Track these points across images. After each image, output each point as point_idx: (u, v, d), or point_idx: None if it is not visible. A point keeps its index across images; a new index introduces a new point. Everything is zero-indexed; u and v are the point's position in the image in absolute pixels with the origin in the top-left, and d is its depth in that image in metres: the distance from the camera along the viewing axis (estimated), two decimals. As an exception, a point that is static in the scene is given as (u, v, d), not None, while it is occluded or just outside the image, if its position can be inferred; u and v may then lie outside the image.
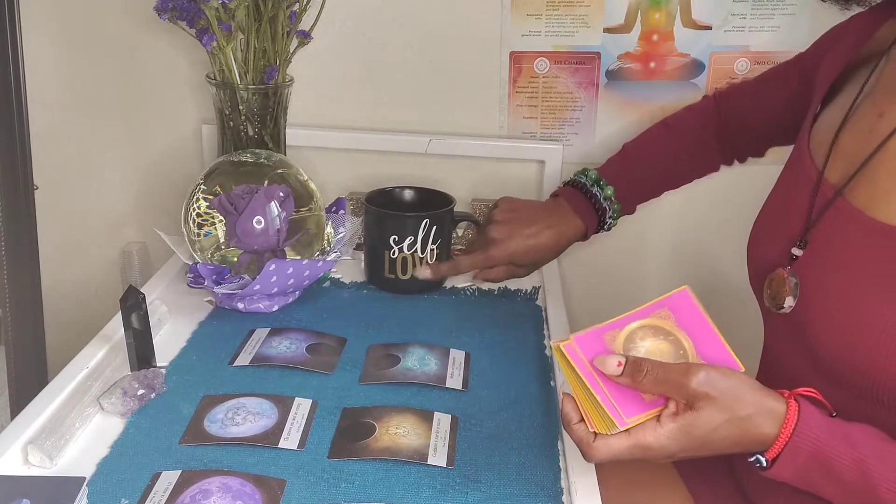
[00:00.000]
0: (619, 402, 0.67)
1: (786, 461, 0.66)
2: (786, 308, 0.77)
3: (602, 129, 1.35)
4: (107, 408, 0.84)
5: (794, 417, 0.65)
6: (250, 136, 1.21)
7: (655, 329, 0.70)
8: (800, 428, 0.65)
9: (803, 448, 0.65)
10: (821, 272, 0.75)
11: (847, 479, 0.65)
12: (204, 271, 1.04)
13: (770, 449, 0.66)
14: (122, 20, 1.31)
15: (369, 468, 0.77)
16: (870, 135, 0.75)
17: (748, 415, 0.65)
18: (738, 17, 1.28)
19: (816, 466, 0.65)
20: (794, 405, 0.66)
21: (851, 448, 0.65)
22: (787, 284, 0.76)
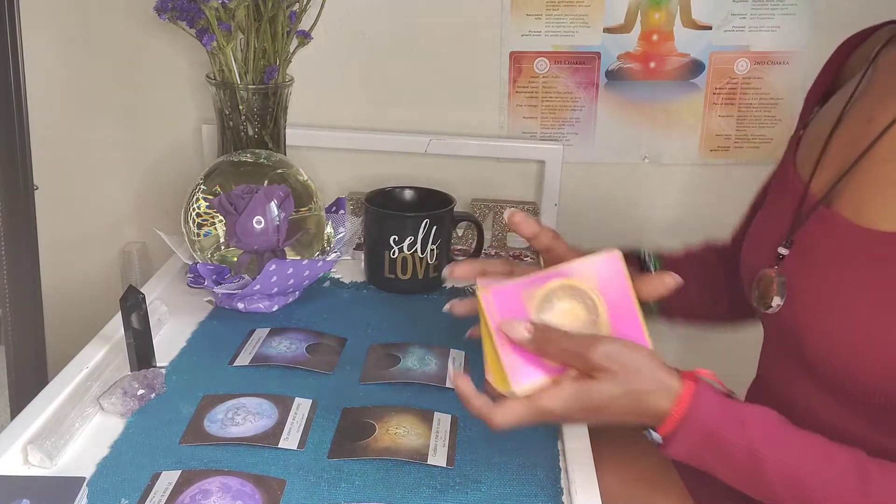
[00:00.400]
0: (519, 365, 0.67)
1: (679, 440, 0.67)
2: (773, 307, 0.78)
3: (602, 129, 1.35)
4: (107, 408, 0.84)
5: (688, 396, 0.67)
6: (250, 136, 1.21)
7: (574, 291, 0.70)
8: (694, 407, 0.67)
9: (696, 427, 0.67)
10: (806, 273, 0.76)
11: (737, 458, 0.67)
12: (204, 271, 1.04)
13: (664, 425, 0.68)
14: (122, 20, 1.31)
15: (369, 468, 0.77)
16: (859, 141, 0.76)
17: (645, 389, 0.67)
18: (738, 17, 1.28)
19: (709, 446, 0.67)
20: (690, 385, 0.67)
21: (743, 429, 0.66)
22: (774, 284, 0.77)
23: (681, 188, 1.38)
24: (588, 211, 1.39)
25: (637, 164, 1.36)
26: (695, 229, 1.39)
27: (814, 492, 0.66)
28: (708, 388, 0.68)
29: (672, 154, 1.36)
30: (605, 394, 0.67)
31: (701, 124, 1.33)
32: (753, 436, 0.67)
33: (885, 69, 0.80)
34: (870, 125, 0.75)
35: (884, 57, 0.81)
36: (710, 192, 1.36)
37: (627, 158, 1.36)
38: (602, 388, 0.67)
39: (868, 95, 0.79)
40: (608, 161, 1.36)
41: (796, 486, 0.66)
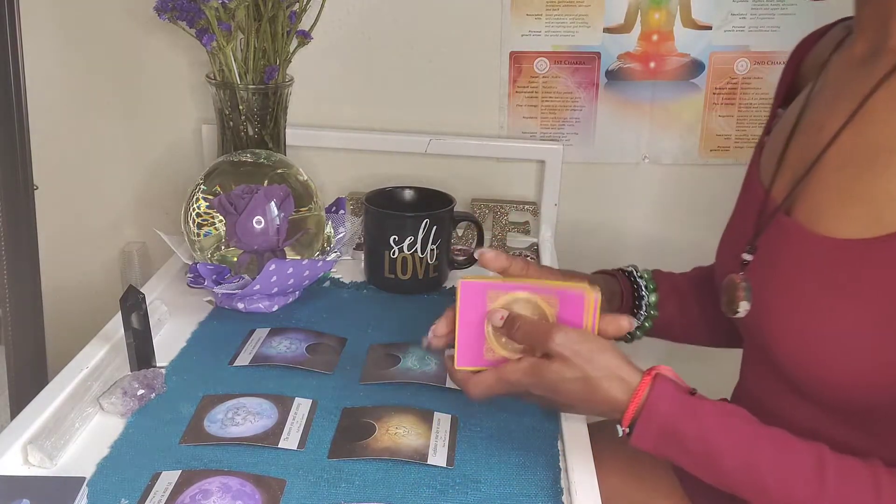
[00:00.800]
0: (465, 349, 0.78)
1: (640, 432, 0.71)
2: (740, 312, 0.78)
3: (602, 129, 1.35)
4: (107, 408, 0.84)
5: (644, 389, 0.70)
6: (250, 136, 1.21)
7: (534, 307, 0.77)
8: (650, 399, 0.70)
9: (653, 420, 0.70)
10: (769, 279, 0.76)
11: (694, 451, 0.69)
12: (204, 271, 1.04)
13: (623, 418, 0.71)
14: (122, 20, 1.31)
15: (369, 468, 0.77)
16: (812, 148, 0.76)
17: (597, 376, 0.71)
18: (738, 17, 1.28)
19: (667, 439, 0.70)
20: (647, 379, 0.71)
21: (699, 422, 0.69)
22: (739, 289, 0.78)
23: (681, 188, 1.38)
24: (588, 211, 1.39)
25: (637, 164, 1.36)
26: (695, 229, 1.39)
27: (771, 484, 0.67)
28: (664, 383, 0.71)
29: (672, 154, 1.36)
30: (557, 374, 0.72)
31: (701, 124, 1.33)
32: (710, 429, 0.69)
33: (834, 74, 0.80)
34: (821, 132, 0.75)
35: (833, 61, 0.81)
36: (710, 193, 1.36)
37: (627, 158, 1.36)
38: (553, 367, 0.72)
39: (819, 101, 0.79)
40: (608, 161, 1.36)
41: (754, 478, 0.68)
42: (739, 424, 0.70)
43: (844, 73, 0.78)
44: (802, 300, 0.72)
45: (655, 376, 0.71)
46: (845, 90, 0.75)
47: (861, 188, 0.69)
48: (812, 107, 0.80)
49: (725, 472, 0.69)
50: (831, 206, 0.72)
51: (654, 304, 0.97)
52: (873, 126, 0.70)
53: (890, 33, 0.71)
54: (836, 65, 0.80)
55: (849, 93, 0.74)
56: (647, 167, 1.37)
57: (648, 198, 1.39)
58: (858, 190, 0.70)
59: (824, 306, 0.70)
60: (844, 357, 0.69)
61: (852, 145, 0.72)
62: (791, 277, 0.74)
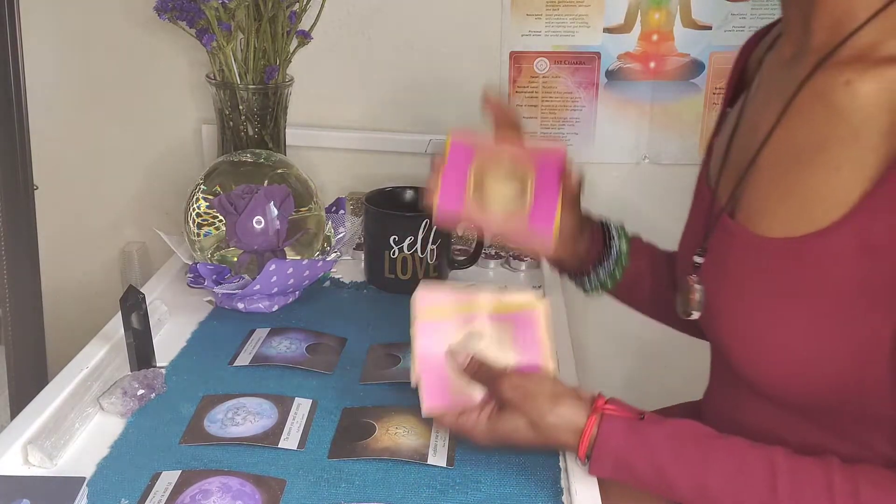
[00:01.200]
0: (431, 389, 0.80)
1: (595, 466, 0.74)
2: (693, 315, 0.80)
3: (602, 129, 1.35)
4: (107, 408, 0.84)
5: (591, 429, 0.73)
6: (250, 136, 1.21)
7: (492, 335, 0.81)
8: (599, 439, 0.73)
9: (604, 456, 0.73)
10: (718, 281, 0.78)
11: (648, 480, 0.72)
12: (204, 271, 1.04)
13: (578, 455, 0.74)
14: (122, 20, 1.31)
15: (369, 468, 0.77)
16: (748, 149, 0.77)
17: (547, 425, 0.74)
18: (738, 17, 1.28)
19: (621, 471, 0.73)
20: (593, 419, 0.73)
21: (649, 452, 0.71)
22: (693, 291, 0.79)
23: (681, 188, 1.38)
24: (588, 211, 1.38)
25: (637, 164, 1.36)
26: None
27: (724, 502, 0.69)
28: (611, 419, 0.73)
29: (672, 154, 1.36)
30: (510, 426, 0.75)
31: (701, 124, 1.33)
32: (660, 455, 0.71)
33: (767, 74, 0.81)
34: (756, 133, 0.76)
35: (767, 61, 0.82)
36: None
37: (627, 158, 1.36)
38: (507, 420, 0.75)
39: (756, 102, 0.81)
40: (608, 161, 1.36)
41: (707, 498, 0.70)
42: (690, 445, 0.72)
43: (775, 73, 0.79)
44: (747, 300, 0.74)
45: (602, 415, 0.73)
46: (775, 90, 0.76)
47: (790, 187, 0.71)
48: (750, 108, 0.81)
49: (681, 495, 0.71)
50: (767, 207, 0.73)
51: (625, 252, 0.95)
52: (798, 126, 0.72)
53: (812, 32, 0.72)
54: (769, 65, 0.81)
55: (778, 92, 0.75)
56: (647, 167, 1.36)
57: (648, 198, 1.39)
58: (788, 189, 0.71)
59: (765, 305, 0.72)
60: (786, 354, 0.70)
61: (781, 145, 0.73)
62: (736, 278, 0.75)
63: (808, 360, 0.69)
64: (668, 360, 1.40)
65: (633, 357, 1.48)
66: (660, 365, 1.44)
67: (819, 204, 0.68)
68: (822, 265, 0.67)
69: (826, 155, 0.68)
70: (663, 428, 0.73)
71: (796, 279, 0.69)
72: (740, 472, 0.69)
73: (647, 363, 1.46)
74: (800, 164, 0.70)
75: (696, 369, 0.94)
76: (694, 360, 0.98)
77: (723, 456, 0.70)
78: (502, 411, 0.76)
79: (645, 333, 1.08)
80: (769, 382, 0.73)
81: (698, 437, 0.72)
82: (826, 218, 0.67)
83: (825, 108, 0.69)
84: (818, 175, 0.68)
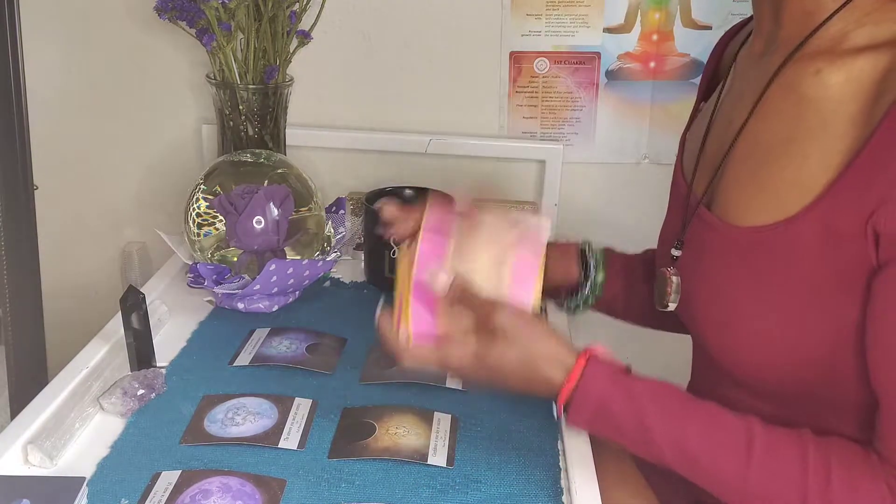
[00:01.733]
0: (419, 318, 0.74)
1: (574, 410, 0.72)
2: (670, 306, 0.81)
3: (602, 129, 1.35)
4: (107, 408, 0.84)
5: (579, 369, 0.72)
6: (250, 136, 1.21)
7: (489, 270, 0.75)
8: (584, 379, 0.71)
9: (587, 398, 0.71)
10: (695, 272, 0.79)
11: (627, 428, 0.71)
12: (204, 271, 1.04)
13: (559, 396, 0.72)
14: (122, 20, 1.31)
15: (369, 468, 0.77)
16: (723, 143, 0.78)
17: (538, 357, 0.72)
18: (738, 17, 1.27)
19: (601, 417, 0.72)
20: (582, 360, 0.72)
21: (631, 400, 0.71)
22: (670, 284, 0.80)
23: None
24: (588, 211, 1.39)
25: (637, 164, 1.36)
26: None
27: (701, 457, 0.69)
28: (599, 363, 0.73)
29: (672, 154, 1.35)
30: (500, 356, 0.72)
31: (701, 124, 1.33)
32: (642, 406, 0.70)
33: (741, 68, 0.82)
34: (730, 127, 0.78)
35: (741, 56, 0.83)
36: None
37: (627, 158, 1.36)
38: (497, 349, 0.72)
39: (730, 96, 0.82)
40: (608, 161, 1.36)
41: (684, 451, 0.70)
42: (671, 400, 0.72)
43: (748, 67, 0.80)
44: (722, 289, 0.75)
45: (590, 357, 0.73)
46: (748, 84, 0.78)
47: (763, 178, 0.72)
48: (724, 102, 0.83)
49: (658, 447, 0.70)
50: (741, 198, 0.74)
51: (599, 284, 0.98)
52: (770, 118, 0.73)
53: (781, 25, 0.74)
54: (742, 59, 0.83)
55: (750, 86, 0.77)
56: (647, 167, 1.36)
57: (648, 198, 1.38)
58: (761, 179, 0.72)
59: (739, 293, 0.73)
60: (760, 341, 0.72)
61: (755, 138, 0.75)
62: (712, 269, 0.77)
63: (782, 346, 0.70)
64: (668, 354, 1.40)
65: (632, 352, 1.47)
66: (661, 359, 1.43)
67: (789, 193, 0.69)
68: (790, 252, 0.69)
69: (796, 145, 0.70)
70: (647, 382, 0.73)
71: (768, 266, 0.71)
72: (718, 431, 0.70)
73: (647, 359, 1.46)
74: (772, 155, 0.72)
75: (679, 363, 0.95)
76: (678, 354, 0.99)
77: (703, 415, 0.71)
78: (492, 340, 0.72)
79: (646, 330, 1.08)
80: (745, 370, 0.74)
81: (680, 395, 0.73)
82: (795, 206, 0.69)
83: (796, 99, 0.71)
84: (789, 165, 0.70)
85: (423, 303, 0.74)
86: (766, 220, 0.71)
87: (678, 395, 0.73)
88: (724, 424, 0.70)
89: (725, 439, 0.69)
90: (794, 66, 0.72)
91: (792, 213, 0.69)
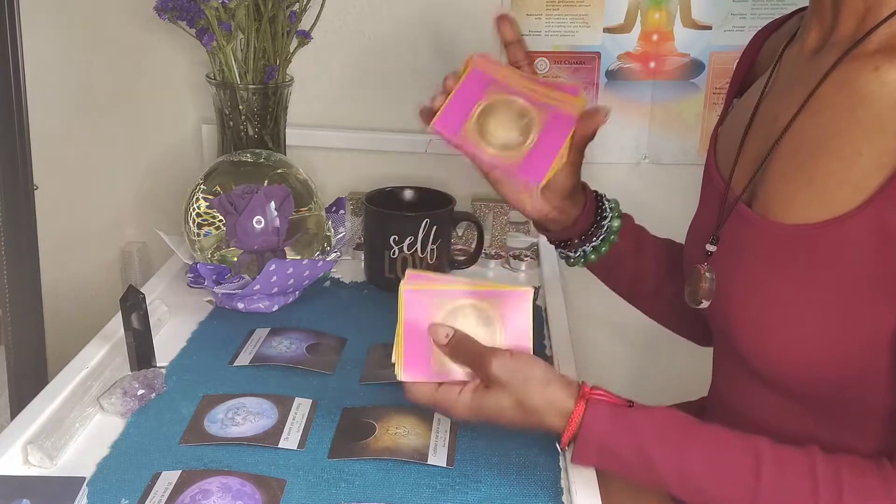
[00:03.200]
0: (411, 360, 0.76)
1: (578, 453, 0.73)
2: (703, 303, 0.80)
3: (602, 129, 1.34)
4: (107, 408, 0.84)
5: (579, 415, 0.72)
6: (250, 136, 1.21)
7: (480, 312, 0.77)
8: (585, 424, 0.72)
9: (589, 441, 0.72)
10: (731, 269, 0.78)
11: (632, 464, 0.71)
12: (204, 271, 1.04)
13: (561, 441, 0.73)
14: (121, 20, 1.31)
15: (369, 468, 0.77)
16: (768, 139, 0.77)
17: (534, 406, 0.73)
18: (738, 17, 1.28)
19: (605, 456, 0.72)
20: (581, 404, 0.73)
21: (634, 437, 0.71)
22: (704, 280, 0.79)
23: (681, 188, 1.38)
24: (588, 211, 1.39)
25: (637, 164, 1.36)
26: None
27: (707, 487, 0.69)
28: (598, 404, 0.73)
29: (672, 154, 1.36)
30: (496, 405, 0.74)
31: (701, 124, 1.33)
32: (644, 440, 0.71)
33: (788, 65, 0.81)
34: (775, 123, 0.77)
35: (788, 53, 0.82)
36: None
37: (627, 158, 1.36)
38: (493, 398, 0.74)
39: (774, 92, 0.81)
40: (608, 161, 1.36)
41: (691, 483, 0.70)
42: (674, 431, 0.72)
43: (797, 64, 0.79)
44: (760, 286, 0.74)
45: (589, 400, 0.73)
46: (798, 80, 0.77)
47: (811, 174, 0.71)
48: (768, 98, 0.81)
49: (664, 479, 0.71)
50: (786, 194, 0.73)
51: (615, 228, 0.94)
52: (822, 114, 0.72)
53: (840, 23, 0.73)
54: (790, 56, 0.82)
55: (801, 83, 0.76)
56: (647, 167, 1.36)
57: (648, 198, 1.38)
58: (809, 176, 0.71)
59: (779, 291, 0.72)
60: (798, 340, 0.71)
61: (803, 133, 0.74)
62: (750, 266, 0.76)
63: (817, 344, 0.69)
64: (669, 357, 1.40)
65: (634, 354, 1.48)
66: (661, 362, 1.44)
67: (839, 190, 0.68)
68: (836, 250, 0.68)
69: (848, 141, 0.69)
70: (648, 414, 0.73)
71: (810, 264, 0.70)
72: (724, 457, 0.69)
73: (648, 360, 1.46)
74: (821, 151, 0.71)
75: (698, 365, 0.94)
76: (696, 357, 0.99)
77: (707, 442, 0.71)
78: (488, 389, 0.74)
79: (646, 329, 1.08)
80: (777, 368, 0.73)
81: (682, 423, 0.73)
82: (845, 204, 0.67)
83: (850, 95, 0.70)
84: (839, 162, 0.69)
85: (416, 346, 0.76)
86: (812, 217, 0.70)
87: (682, 423, 0.73)
88: (729, 448, 0.70)
89: (732, 465, 0.69)
90: (851, 63, 0.71)
91: (840, 212, 0.68)
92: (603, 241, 0.93)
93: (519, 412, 0.73)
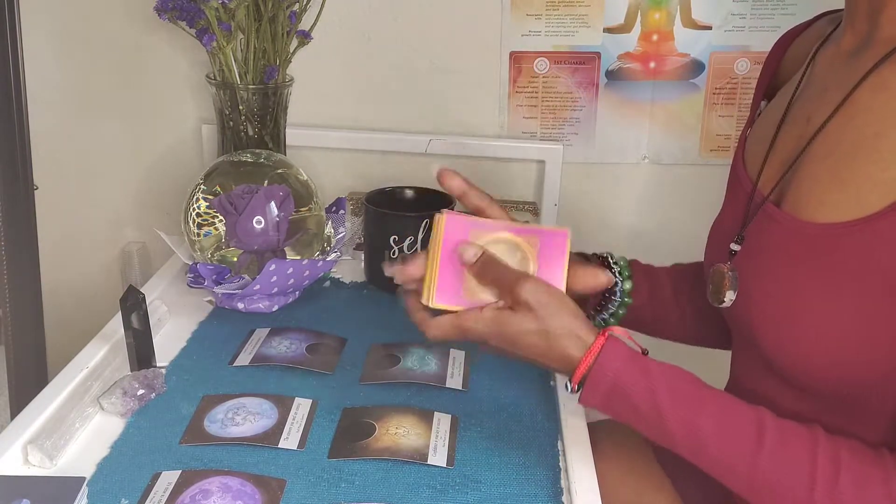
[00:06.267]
0: (444, 285, 0.75)
1: (589, 388, 0.72)
2: (726, 302, 0.80)
3: (602, 129, 1.35)
4: (107, 408, 0.84)
5: (598, 347, 0.72)
6: (250, 136, 1.21)
7: (515, 247, 0.76)
8: (602, 357, 0.72)
9: (603, 377, 0.72)
10: (756, 268, 0.78)
11: (642, 409, 0.71)
12: (204, 271, 1.04)
13: (574, 372, 0.73)
14: (122, 20, 1.31)
15: (369, 468, 0.77)
16: (800, 140, 0.77)
17: (557, 333, 0.73)
18: (738, 17, 1.28)
19: (615, 396, 0.72)
20: (602, 338, 0.73)
21: (647, 380, 0.71)
22: (727, 278, 0.79)
23: (681, 188, 1.38)
24: (588, 211, 1.39)
25: (637, 164, 1.36)
26: (695, 229, 1.39)
27: (710, 442, 0.70)
28: (618, 343, 0.73)
29: (672, 154, 1.36)
30: (520, 327, 0.73)
31: (701, 124, 1.33)
32: (657, 387, 0.71)
33: (822, 67, 0.81)
34: (808, 124, 0.77)
35: (821, 55, 0.82)
36: (710, 192, 1.35)
37: (627, 158, 1.36)
38: (518, 320, 0.73)
39: (807, 94, 0.81)
40: (608, 161, 1.36)
41: (695, 436, 0.70)
42: (687, 384, 0.72)
43: (832, 65, 0.79)
44: (785, 285, 0.74)
45: (609, 337, 0.73)
46: (833, 82, 0.77)
47: (845, 174, 0.71)
48: (800, 100, 0.81)
49: (669, 430, 0.71)
50: (817, 195, 0.73)
51: (627, 291, 0.95)
52: (859, 115, 0.72)
53: (879, 26, 0.73)
54: (824, 58, 0.82)
55: (836, 85, 0.75)
56: (647, 167, 1.37)
57: (648, 198, 1.39)
58: (843, 176, 0.71)
59: (805, 289, 0.72)
60: (823, 339, 0.70)
61: (838, 134, 0.73)
62: (775, 264, 0.76)
63: (841, 347, 0.69)
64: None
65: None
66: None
67: (872, 191, 0.68)
68: (868, 250, 0.67)
69: (885, 141, 0.69)
70: (664, 365, 0.73)
71: (840, 264, 0.69)
72: (731, 418, 0.70)
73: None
74: (859, 151, 0.71)
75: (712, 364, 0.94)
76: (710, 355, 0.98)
77: (716, 401, 0.71)
78: (514, 311, 0.73)
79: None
80: (800, 367, 0.73)
81: (696, 381, 0.73)
82: (878, 203, 0.67)
83: (890, 98, 0.70)
84: (876, 164, 0.69)
85: (450, 273, 0.75)
86: (844, 216, 0.70)
87: (694, 380, 0.73)
88: (736, 412, 0.70)
89: (737, 427, 0.69)
90: (890, 65, 0.71)
91: (874, 211, 0.67)
92: (619, 307, 0.95)
93: (541, 338, 0.73)
